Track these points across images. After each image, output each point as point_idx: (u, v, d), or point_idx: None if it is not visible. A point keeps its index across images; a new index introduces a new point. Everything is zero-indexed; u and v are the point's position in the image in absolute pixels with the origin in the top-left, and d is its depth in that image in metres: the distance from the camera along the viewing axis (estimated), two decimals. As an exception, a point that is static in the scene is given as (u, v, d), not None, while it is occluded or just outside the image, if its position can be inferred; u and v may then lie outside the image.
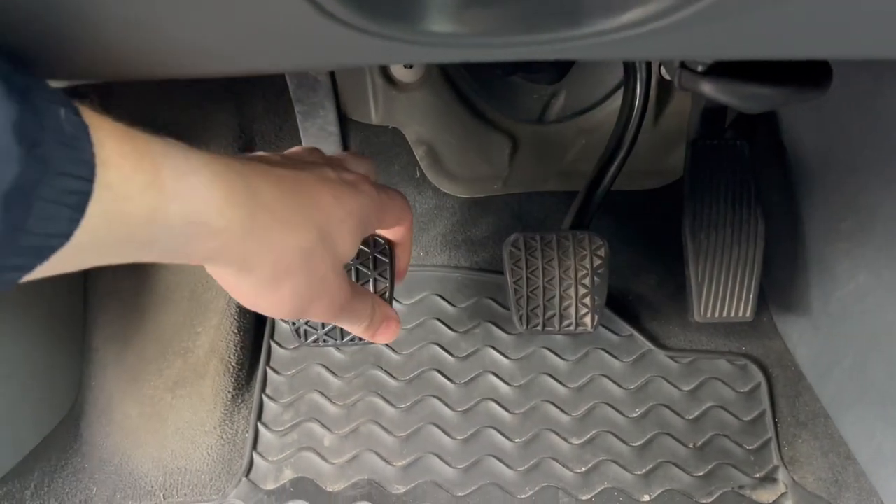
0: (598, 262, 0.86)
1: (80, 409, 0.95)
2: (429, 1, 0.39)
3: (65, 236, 0.29)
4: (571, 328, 0.86)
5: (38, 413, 0.91)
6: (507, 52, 0.44)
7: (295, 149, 0.52)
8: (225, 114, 1.03)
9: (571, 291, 0.86)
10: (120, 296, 0.97)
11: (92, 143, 0.30)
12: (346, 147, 0.90)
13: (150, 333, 0.96)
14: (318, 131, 0.86)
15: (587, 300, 0.86)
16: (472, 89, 1.10)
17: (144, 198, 0.32)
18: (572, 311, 0.86)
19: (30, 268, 0.29)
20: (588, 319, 0.86)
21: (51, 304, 0.91)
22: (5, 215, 0.26)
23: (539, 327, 0.87)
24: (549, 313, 0.86)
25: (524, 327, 0.87)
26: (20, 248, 0.27)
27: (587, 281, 0.86)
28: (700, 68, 0.59)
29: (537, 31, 0.40)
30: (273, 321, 1.01)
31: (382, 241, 0.84)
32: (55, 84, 0.44)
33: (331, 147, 0.87)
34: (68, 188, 0.28)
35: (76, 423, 0.95)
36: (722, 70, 0.59)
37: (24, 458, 0.88)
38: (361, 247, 0.84)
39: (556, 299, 0.86)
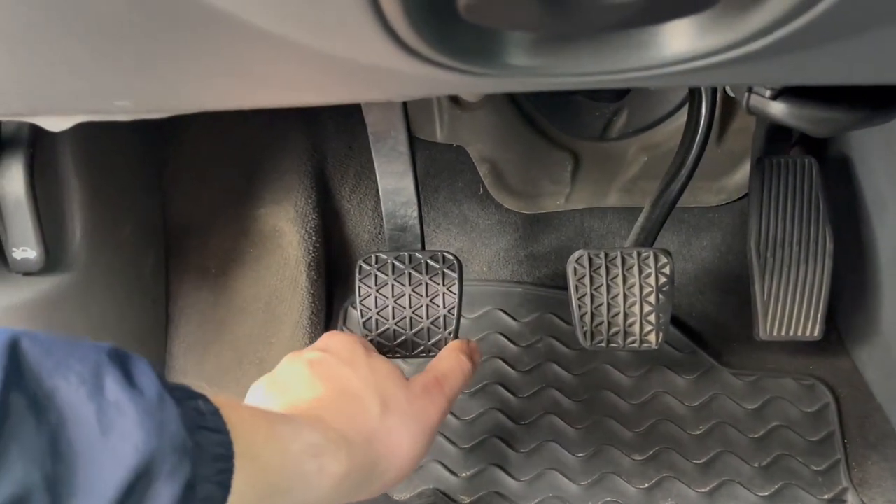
0: (662, 279, 0.87)
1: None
2: (509, 36, 0.41)
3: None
4: (636, 345, 0.87)
5: None
6: (581, 81, 0.46)
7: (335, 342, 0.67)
8: (296, 133, 1.08)
9: (636, 308, 0.87)
10: (199, 307, 1.02)
11: (225, 423, 0.37)
12: (414, 164, 0.93)
13: (226, 343, 1.01)
14: (389, 151, 0.89)
15: (651, 317, 0.87)
16: (534, 108, 1.12)
17: (270, 449, 0.40)
18: (636, 328, 0.87)
19: None
20: (652, 336, 0.87)
21: (137, 314, 0.97)
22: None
23: (603, 343, 0.88)
24: (613, 330, 0.87)
25: (588, 343, 0.88)
26: None
27: (652, 298, 0.87)
28: (769, 93, 0.60)
29: (614, 63, 0.42)
30: (345, 331, 1.05)
31: (452, 257, 0.87)
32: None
33: (401, 166, 0.90)
34: (216, 468, 0.35)
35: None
36: (791, 93, 0.60)
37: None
38: (431, 262, 0.87)
39: (621, 316, 0.87)
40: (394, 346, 0.88)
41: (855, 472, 0.93)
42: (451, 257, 0.87)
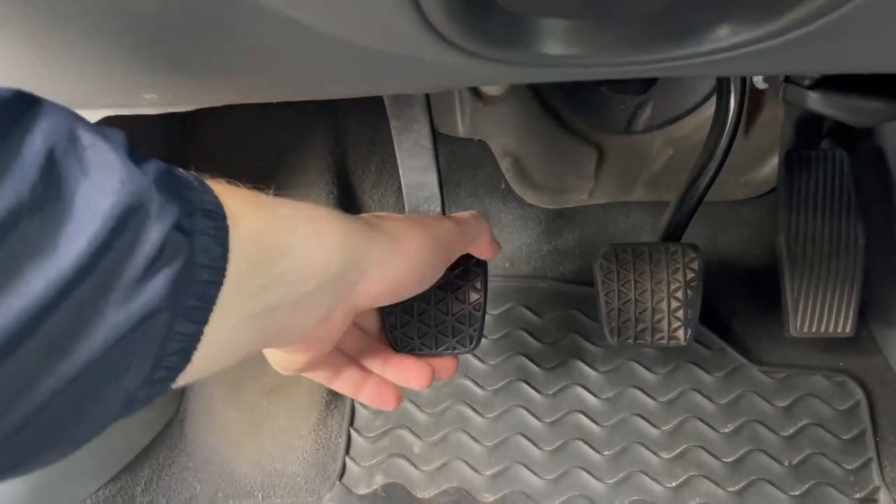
0: (691, 274, 0.85)
1: (185, 412, 1.00)
2: (544, 24, 0.40)
3: (221, 268, 0.32)
4: (664, 341, 0.85)
5: (148, 415, 0.96)
6: (616, 70, 0.44)
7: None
8: (319, 127, 1.07)
9: (664, 304, 0.85)
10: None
11: (208, 186, 0.35)
12: (437, 159, 0.92)
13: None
14: (412, 146, 0.88)
15: (680, 313, 0.85)
16: (557, 100, 1.11)
17: (260, 212, 0.37)
18: (665, 324, 0.85)
19: (208, 302, 0.32)
20: (681, 333, 0.85)
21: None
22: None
23: (630, 340, 0.86)
24: (640, 326, 0.86)
25: (615, 340, 0.86)
26: (196, 283, 0.31)
27: (680, 294, 0.85)
28: (806, 82, 0.58)
29: (652, 52, 0.41)
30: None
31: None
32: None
33: (424, 161, 0.89)
34: (210, 225, 0.32)
35: (181, 425, 1.00)
36: (829, 83, 0.58)
37: (136, 456, 0.93)
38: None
39: (648, 312, 0.85)
40: (417, 342, 0.87)
41: (888, 471, 0.91)
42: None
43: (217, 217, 0.33)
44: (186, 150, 1.06)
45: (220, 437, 0.97)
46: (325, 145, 1.08)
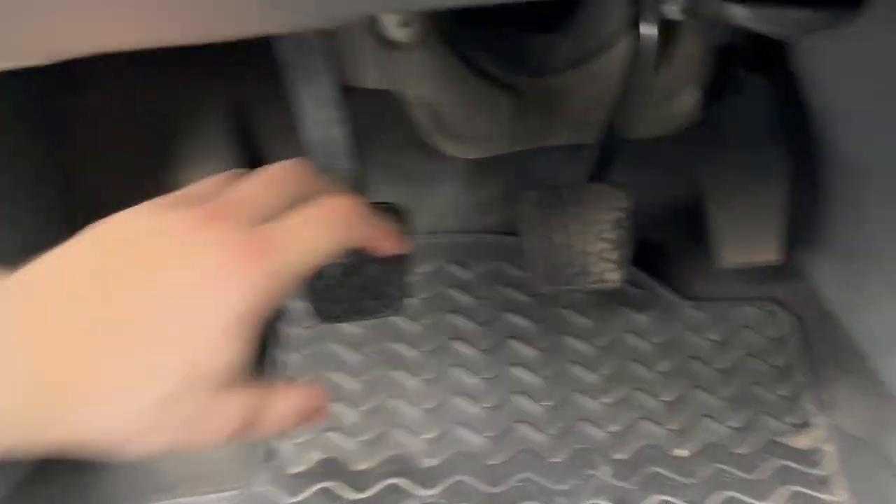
0: (620, 214, 0.83)
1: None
2: None
3: None
4: (597, 284, 0.83)
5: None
6: None
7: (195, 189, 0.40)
8: (216, 84, 0.99)
9: (594, 246, 0.82)
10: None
11: None
12: (345, 110, 0.86)
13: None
14: (314, 99, 0.82)
15: (611, 255, 0.83)
16: (470, 46, 1.06)
17: None
18: (596, 266, 0.83)
19: None
20: (613, 274, 0.83)
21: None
22: None
23: (563, 286, 0.83)
24: (571, 270, 0.83)
25: (546, 287, 0.83)
26: None
27: (610, 235, 0.82)
28: (731, -5, 0.55)
29: None
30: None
31: (400, 208, 0.81)
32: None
33: (330, 114, 0.83)
34: None
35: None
36: (754, -5, 0.55)
37: (39, 462, 0.85)
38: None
39: (579, 255, 0.82)
40: (342, 310, 0.81)
41: (821, 395, 0.91)
42: (399, 208, 0.81)
43: None
44: (62, 121, 0.96)
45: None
46: (224, 104, 0.99)
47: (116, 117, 0.97)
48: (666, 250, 1.03)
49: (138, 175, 0.96)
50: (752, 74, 0.93)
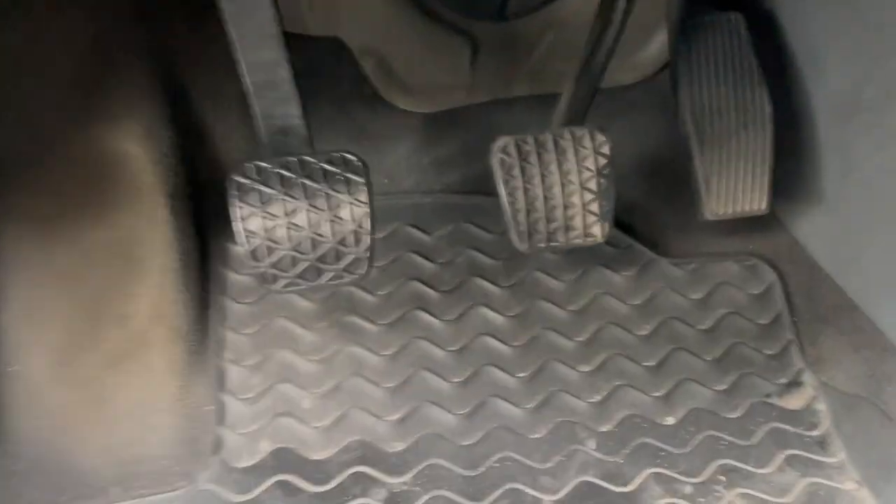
0: (602, 161, 0.75)
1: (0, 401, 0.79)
2: None
3: None
4: (580, 240, 0.75)
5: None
6: None
7: None
8: (134, 26, 0.86)
9: (576, 198, 0.75)
10: (32, 262, 0.80)
11: None
12: (288, 51, 0.75)
13: (75, 302, 0.80)
14: (254, 36, 0.71)
15: (594, 206, 0.75)
16: (421, -14, 0.96)
17: None
18: (579, 220, 0.75)
19: None
20: (597, 228, 0.76)
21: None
22: None
23: (542, 243, 0.76)
24: (552, 225, 0.75)
25: (525, 245, 0.75)
26: None
27: (592, 184, 0.75)
28: None
29: None
30: (224, 272, 0.87)
31: (354, 158, 0.71)
32: None
33: (272, 54, 0.72)
34: None
35: (-3, 420, 0.78)
36: None
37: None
38: (328, 166, 0.70)
39: (560, 209, 0.75)
40: (294, 276, 0.71)
41: (809, 351, 0.87)
42: (354, 158, 0.71)
43: None
44: None
45: (52, 427, 0.77)
46: (144, 49, 0.87)
47: (22, 68, 0.83)
48: (641, 206, 0.96)
49: (51, 131, 0.83)
50: (731, 12, 0.86)
